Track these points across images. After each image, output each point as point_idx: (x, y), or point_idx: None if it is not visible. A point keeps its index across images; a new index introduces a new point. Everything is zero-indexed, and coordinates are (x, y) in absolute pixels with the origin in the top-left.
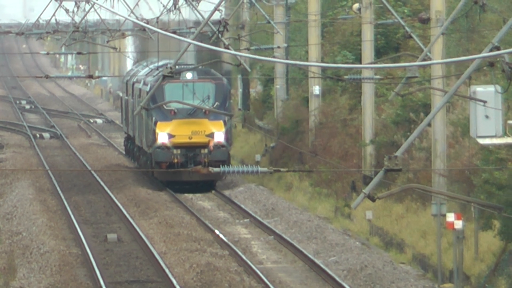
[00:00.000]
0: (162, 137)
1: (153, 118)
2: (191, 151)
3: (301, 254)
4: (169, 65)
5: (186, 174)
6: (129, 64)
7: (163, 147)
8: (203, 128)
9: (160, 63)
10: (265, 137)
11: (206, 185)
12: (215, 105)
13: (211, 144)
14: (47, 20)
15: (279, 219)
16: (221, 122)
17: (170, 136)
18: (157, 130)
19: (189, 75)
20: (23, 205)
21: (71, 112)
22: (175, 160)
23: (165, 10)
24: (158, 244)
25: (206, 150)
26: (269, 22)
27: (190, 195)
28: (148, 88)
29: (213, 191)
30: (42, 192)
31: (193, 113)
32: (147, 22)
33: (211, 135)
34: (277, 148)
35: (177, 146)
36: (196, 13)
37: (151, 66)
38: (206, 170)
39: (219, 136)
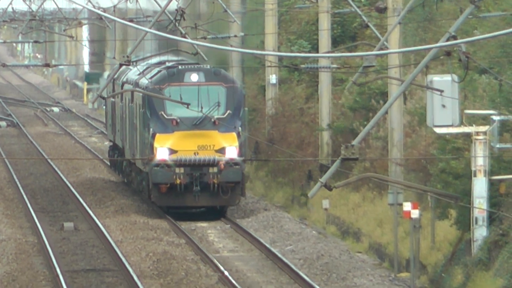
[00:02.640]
0: (162, 153)
1: (151, 129)
2: (197, 170)
3: (257, 243)
4: (125, 56)
5: (191, 198)
6: (85, 53)
7: (163, 165)
8: (212, 142)
9: (154, 60)
10: None
11: (215, 211)
12: (226, 114)
13: (222, 161)
14: (4, 8)
15: (235, 208)
16: (234, 134)
17: (172, 151)
18: (155, 144)
19: (194, 77)
20: None
21: (28, 101)
22: (178, 181)
23: None
24: (115, 232)
25: (215, 169)
26: (226, 11)
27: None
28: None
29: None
30: None
31: (200, 123)
32: (104, 10)
33: (222, 151)
34: None
35: (180, 163)
36: (153, 2)
37: (143, 64)
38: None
39: (232, 152)
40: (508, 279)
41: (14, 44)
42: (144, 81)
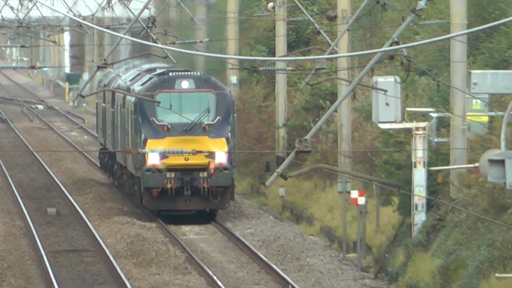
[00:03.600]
0: (153, 158)
1: (142, 135)
2: (187, 174)
3: (220, 227)
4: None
5: (182, 202)
6: (67, 56)
7: (154, 169)
8: (202, 147)
9: (145, 66)
10: None
11: (205, 215)
12: (216, 120)
13: (212, 166)
14: None
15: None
16: (224, 140)
17: (163, 156)
18: (147, 150)
19: (185, 84)
20: None
21: (15, 99)
22: (169, 185)
23: (100, 8)
24: (93, 217)
25: (205, 174)
26: (192, 19)
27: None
28: (134, 99)
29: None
30: None
31: (190, 129)
32: (84, 18)
33: (212, 156)
34: None
35: (170, 168)
36: (127, 11)
37: (135, 71)
38: (136, 152)
39: (221, 157)
40: (444, 259)
41: (3, 48)
42: (135, 87)
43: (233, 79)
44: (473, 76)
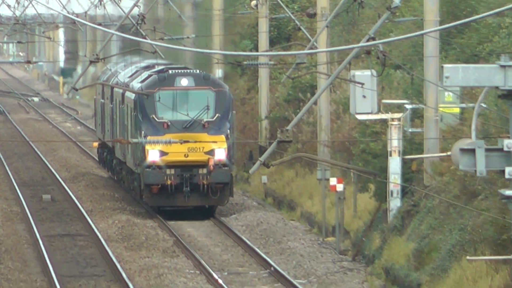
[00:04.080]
0: (153, 155)
1: (142, 132)
2: (187, 171)
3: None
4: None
5: (181, 198)
6: (61, 51)
7: (154, 166)
8: (202, 144)
9: (143, 64)
10: None
11: (204, 211)
12: (215, 117)
13: (211, 163)
14: None
15: None
16: (223, 137)
17: (162, 153)
18: (147, 147)
19: (184, 82)
20: None
21: (13, 92)
22: (168, 182)
23: (92, 5)
24: (86, 203)
25: (204, 170)
26: (180, 17)
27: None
28: (134, 96)
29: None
30: None
31: (190, 126)
32: (77, 16)
33: (211, 153)
34: None
35: (170, 165)
36: (118, 8)
37: (133, 67)
38: (126, 142)
39: (220, 154)
40: (418, 242)
41: (0, 44)
42: (135, 84)
43: (218, 72)
44: (445, 70)
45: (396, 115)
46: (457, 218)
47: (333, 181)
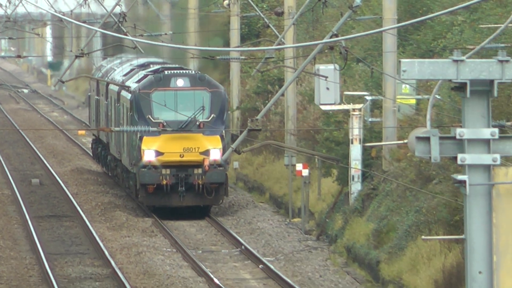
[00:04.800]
0: (149, 155)
1: (138, 132)
2: (182, 171)
3: None
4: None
5: (177, 198)
6: (48, 46)
7: (150, 166)
8: (197, 145)
9: (139, 61)
10: None
11: (199, 210)
12: (211, 118)
13: (206, 163)
14: None
15: None
16: (218, 137)
17: (158, 153)
18: (142, 147)
19: (180, 82)
20: None
21: (4, 84)
22: (164, 182)
23: (78, 4)
24: (71, 187)
25: (200, 170)
26: (158, 15)
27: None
28: (130, 96)
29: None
30: None
31: (185, 126)
32: (64, 14)
33: (206, 153)
34: None
35: (166, 165)
36: (102, 7)
37: (128, 66)
38: (109, 130)
39: (216, 154)
40: (377, 223)
41: None
42: (130, 84)
43: (194, 66)
44: (403, 64)
45: (357, 106)
46: (413, 200)
47: (299, 166)
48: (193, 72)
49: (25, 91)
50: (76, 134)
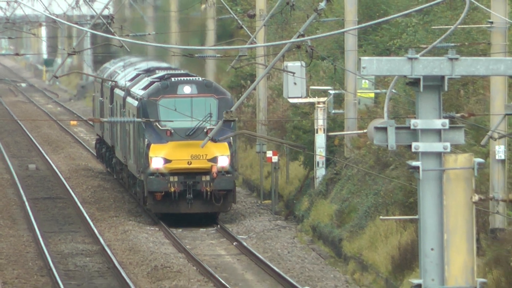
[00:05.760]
0: (156, 162)
1: (146, 140)
2: (190, 178)
3: None
4: (72, 48)
5: (185, 205)
6: (44, 45)
7: (158, 173)
8: (205, 152)
9: (142, 65)
10: None
11: (208, 218)
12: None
13: (214, 170)
14: None
15: None
16: (226, 144)
17: (166, 161)
18: (150, 154)
19: (187, 89)
20: None
21: (4, 79)
22: (172, 189)
23: (70, 7)
24: (64, 172)
25: (208, 177)
26: (142, 17)
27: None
28: (137, 104)
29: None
30: None
31: (193, 133)
32: (57, 16)
33: (214, 160)
34: None
35: (174, 172)
36: (91, 9)
37: (132, 70)
38: (98, 120)
39: (224, 161)
40: (340, 204)
41: None
42: (137, 91)
43: (175, 63)
44: (362, 61)
45: (322, 99)
46: (372, 184)
47: (269, 153)
48: (200, 79)
49: (23, 85)
50: (68, 124)
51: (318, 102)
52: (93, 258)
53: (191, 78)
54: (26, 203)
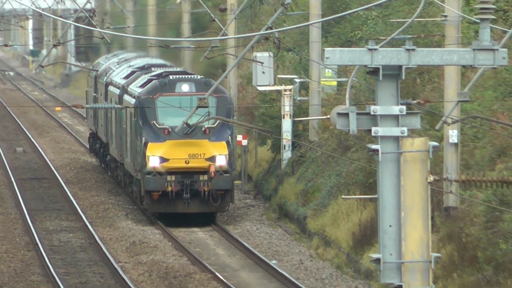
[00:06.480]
0: (154, 161)
1: (143, 138)
2: (188, 177)
3: None
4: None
5: (182, 204)
6: (30, 37)
7: (155, 173)
8: (203, 151)
9: (138, 62)
10: None
11: (205, 217)
12: (216, 123)
13: (212, 169)
14: None
15: None
16: (224, 143)
17: (163, 160)
18: (147, 153)
19: (185, 87)
20: None
21: None
22: (169, 188)
23: (55, 1)
24: (50, 154)
25: (206, 177)
26: (122, 11)
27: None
28: (135, 101)
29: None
30: None
31: (191, 132)
32: (43, 9)
33: (212, 159)
34: None
35: (171, 171)
36: (75, 4)
37: (127, 67)
38: (81, 106)
39: (222, 160)
40: (304, 184)
41: None
42: (134, 89)
43: (152, 54)
44: (326, 52)
45: (288, 87)
46: (335, 166)
47: (239, 137)
48: (198, 77)
49: (11, 74)
50: (53, 110)
51: (285, 90)
52: (76, 234)
53: (189, 76)
54: (14, 183)
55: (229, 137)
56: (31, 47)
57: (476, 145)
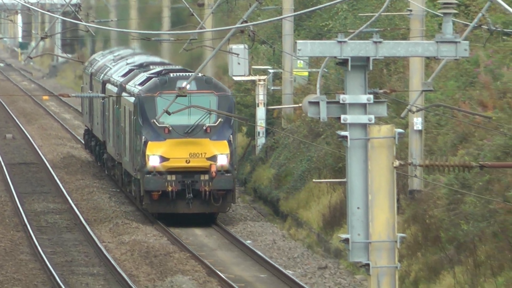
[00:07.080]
0: (154, 161)
1: (143, 137)
2: (188, 177)
3: None
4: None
5: (183, 205)
6: (20, 30)
7: (155, 172)
8: (204, 150)
9: (135, 59)
10: None
11: (206, 218)
12: (218, 122)
13: (213, 169)
14: None
15: None
16: (225, 142)
17: (163, 159)
18: (147, 152)
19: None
20: None
21: None
22: (169, 188)
23: None
24: (37, 140)
25: (207, 177)
26: (106, 5)
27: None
28: (134, 100)
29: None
30: None
31: (192, 131)
32: (32, 4)
33: (213, 158)
34: None
35: (171, 171)
36: None
37: (124, 64)
38: (67, 95)
39: (223, 160)
40: (277, 169)
41: None
42: (133, 87)
43: (134, 46)
44: (298, 44)
45: (262, 77)
46: (306, 151)
47: None
48: (200, 74)
49: (1, 65)
50: (41, 99)
51: (259, 80)
52: (62, 215)
53: (190, 74)
54: (4, 168)
55: (231, 136)
56: (20, 40)
57: (439, 132)
